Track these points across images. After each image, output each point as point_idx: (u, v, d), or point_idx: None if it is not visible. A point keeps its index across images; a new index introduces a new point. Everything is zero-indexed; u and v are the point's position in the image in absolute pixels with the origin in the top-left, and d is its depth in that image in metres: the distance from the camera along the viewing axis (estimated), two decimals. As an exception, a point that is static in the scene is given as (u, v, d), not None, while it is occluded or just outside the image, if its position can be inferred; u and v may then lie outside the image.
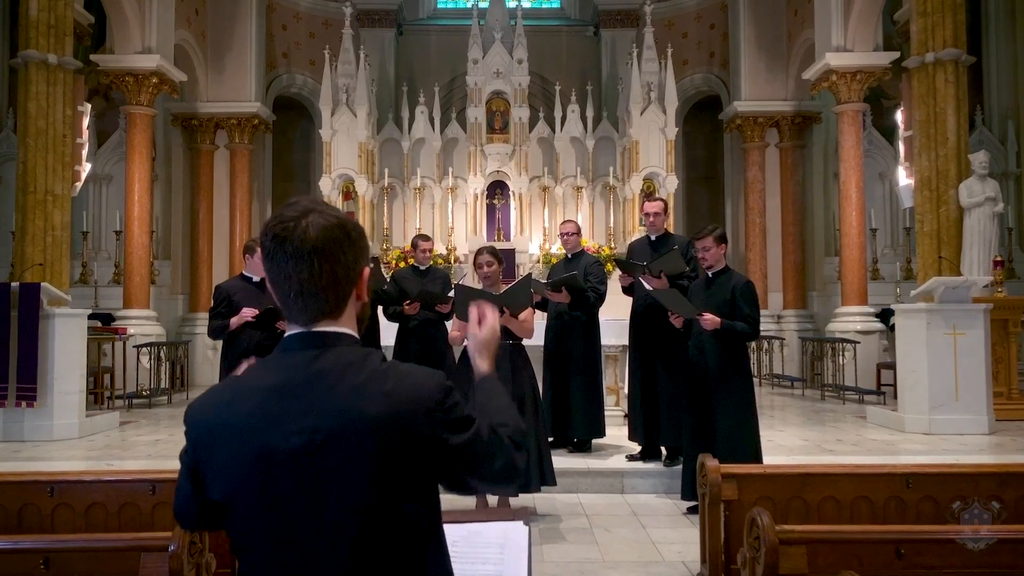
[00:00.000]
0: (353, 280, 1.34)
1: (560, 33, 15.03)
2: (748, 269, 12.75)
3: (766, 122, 12.75)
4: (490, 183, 12.23)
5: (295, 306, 1.32)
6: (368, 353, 1.31)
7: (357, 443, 1.23)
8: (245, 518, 1.28)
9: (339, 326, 1.33)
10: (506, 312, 4.55)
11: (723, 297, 4.85)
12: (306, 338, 1.31)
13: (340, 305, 1.32)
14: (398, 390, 1.26)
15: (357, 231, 1.36)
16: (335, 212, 1.34)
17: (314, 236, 1.28)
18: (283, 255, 1.29)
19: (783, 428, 7.61)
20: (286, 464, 1.23)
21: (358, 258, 1.34)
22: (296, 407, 1.24)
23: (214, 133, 12.85)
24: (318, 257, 1.28)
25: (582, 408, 6.06)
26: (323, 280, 1.29)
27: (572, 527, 4.70)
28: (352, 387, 1.25)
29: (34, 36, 8.37)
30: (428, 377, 1.31)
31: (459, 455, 1.30)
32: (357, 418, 1.23)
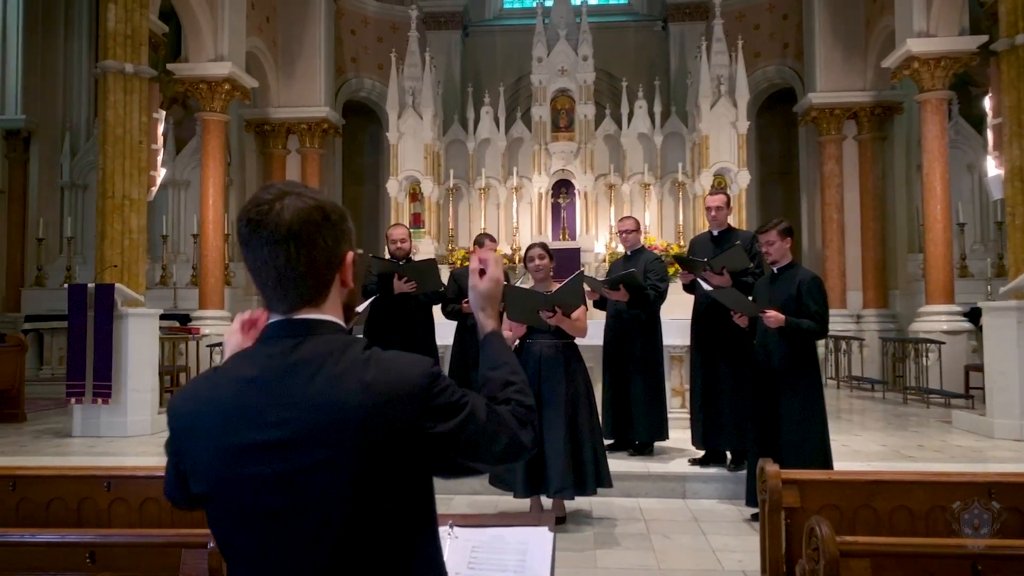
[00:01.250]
0: (335, 265, 1.27)
1: (627, 29, 14.80)
2: (825, 267, 12.27)
3: (843, 114, 12.24)
4: (555, 182, 12.12)
5: (274, 294, 1.25)
6: (351, 341, 1.24)
7: (336, 436, 1.16)
8: (226, 513, 1.22)
9: (321, 313, 1.26)
10: (558, 312, 4.43)
11: (789, 293, 4.61)
12: (286, 326, 1.25)
13: (322, 291, 1.26)
14: (379, 380, 1.19)
15: (337, 213, 1.28)
16: (313, 194, 1.27)
17: (290, 219, 1.21)
18: (259, 240, 1.22)
19: (860, 433, 7.25)
20: (263, 458, 1.17)
21: (339, 241, 1.27)
22: (273, 398, 1.19)
23: (286, 138, 13.14)
24: (295, 241, 1.21)
25: (643, 410, 5.88)
26: (302, 266, 1.22)
27: (629, 532, 4.54)
28: (331, 377, 1.18)
29: (112, 47, 8.68)
30: (412, 365, 1.23)
31: (451, 442, 1.23)
32: (335, 410, 1.16)
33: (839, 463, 5.40)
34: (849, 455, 6.01)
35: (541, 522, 1.89)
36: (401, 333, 5.59)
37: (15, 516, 3.50)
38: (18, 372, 8.02)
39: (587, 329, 4.62)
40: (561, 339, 4.57)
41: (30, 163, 13.16)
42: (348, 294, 1.32)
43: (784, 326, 4.49)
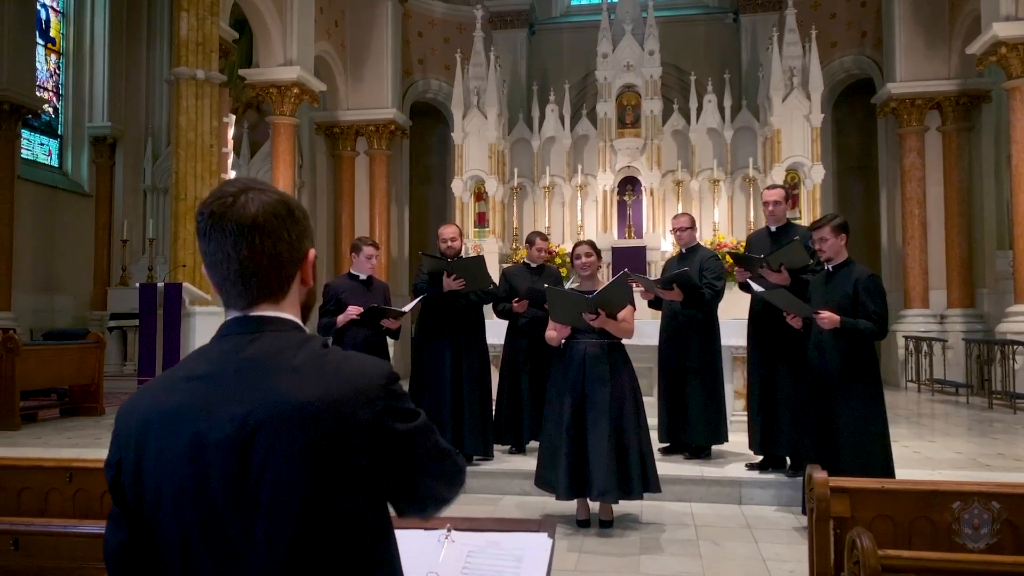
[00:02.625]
0: (296, 261, 1.23)
1: (697, 22, 14.48)
2: (906, 264, 11.74)
3: (925, 104, 11.66)
4: (621, 179, 11.95)
5: (233, 289, 1.22)
6: (308, 338, 1.20)
7: (290, 431, 1.11)
8: (177, 514, 1.17)
9: (280, 311, 1.22)
10: (602, 313, 4.33)
11: (844, 292, 4.38)
12: (242, 323, 1.21)
13: (282, 287, 1.22)
14: (336, 374, 1.15)
15: (301, 210, 1.25)
16: (275, 190, 1.25)
17: (255, 212, 1.18)
18: (221, 233, 1.19)
19: (936, 439, 6.87)
20: (217, 454, 1.13)
21: (302, 238, 1.23)
22: (227, 395, 1.15)
23: (355, 140, 13.37)
24: (259, 234, 1.18)
25: (699, 412, 5.71)
26: (264, 259, 1.19)
27: (676, 538, 4.40)
28: (286, 371, 1.15)
29: (184, 54, 9.00)
30: (371, 363, 1.20)
31: (409, 447, 1.19)
32: (290, 404, 1.12)
33: (907, 470, 5.13)
34: (919, 462, 5.70)
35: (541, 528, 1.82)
36: (451, 332, 5.58)
37: (72, 507, 3.62)
38: (97, 368, 8.38)
39: (633, 330, 4.50)
40: (606, 339, 4.47)
41: (115, 168, 13.80)
42: (307, 293, 1.28)
43: (839, 327, 4.27)
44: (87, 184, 13.72)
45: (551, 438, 4.51)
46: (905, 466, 5.30)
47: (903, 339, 11.28)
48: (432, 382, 5.52)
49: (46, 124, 13.36)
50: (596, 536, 4.41)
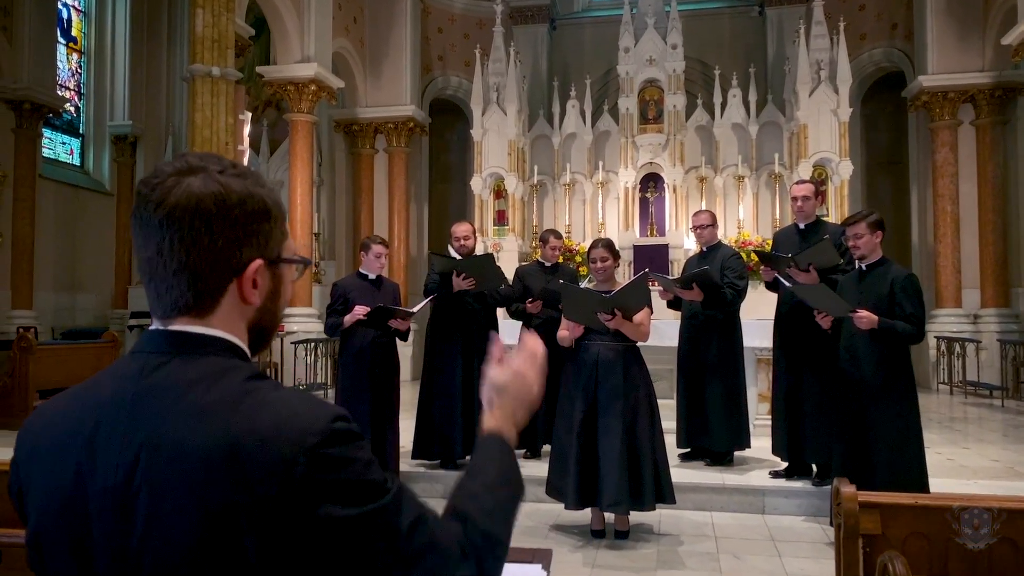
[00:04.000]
0: (226, 271, 0.97)
1: (722, 15, 14.17)
2: (937, 263, 11.37)
3: (958, 97, 11.28)
4: (643, 176, 11.71)
5: (149, 294, 0.99)
6: (233, 367, 0.95)
7: (178, 492, 0.87)
8: (56, 567, 0.96)
9: (205, 327, 0.97)
10: (618, 314, 4.14)
11: (879, 292, 4.14)
12: (155, 338, 0.98)
13: (203, 300, 0.97)
14: (252, 420, 0.88)
15: (245, 208, 0.97)
16: (231, 179, 0.97)
17: (173, 202, 0.94)
18: (138, 222, 0.97)
19: (971, 445, 6.59)
20: (98, 506, 0.91)
21: (237, 243, 0.97)
22: (117, 432, 0.92)
23: (373, 137, 13.25)
24: (170, 230, 0.94)
25: (721, 417, 5.49)
26: (173, 262, 0.95)
27: (695, 551, 4.20)
28: (189, 411, 0.90)
29: (199, 51, 8.91)
30: (308, 410, 0.89)
31: (340, 545, 0.86)
32: (182, 456, 0.87)
33: (940, 479, 4.89)
34: (953, 471, 5.44)
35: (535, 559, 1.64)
36: (462, 334, 5.41)
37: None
38: (112, 367, 8.34)
39: (649, 334, 4.31)
40: (621, 342, 4.27)
41: (136, 166, 13.79)
42: (260, 314, 1.02)
43: (877, 328, 4.03)
44: (108, 183, 13.74)
45: (562, 444, 4.33)
46: (938, 475, 5.04)
47: (935, 340, 10.93)
48: (443, 385, 5.35)
49: (68, 123, 13.39)
50: (610, 548, 4.22)
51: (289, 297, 1.10)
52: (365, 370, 5.00)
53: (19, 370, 7.35)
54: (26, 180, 11.39)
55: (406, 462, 5.36)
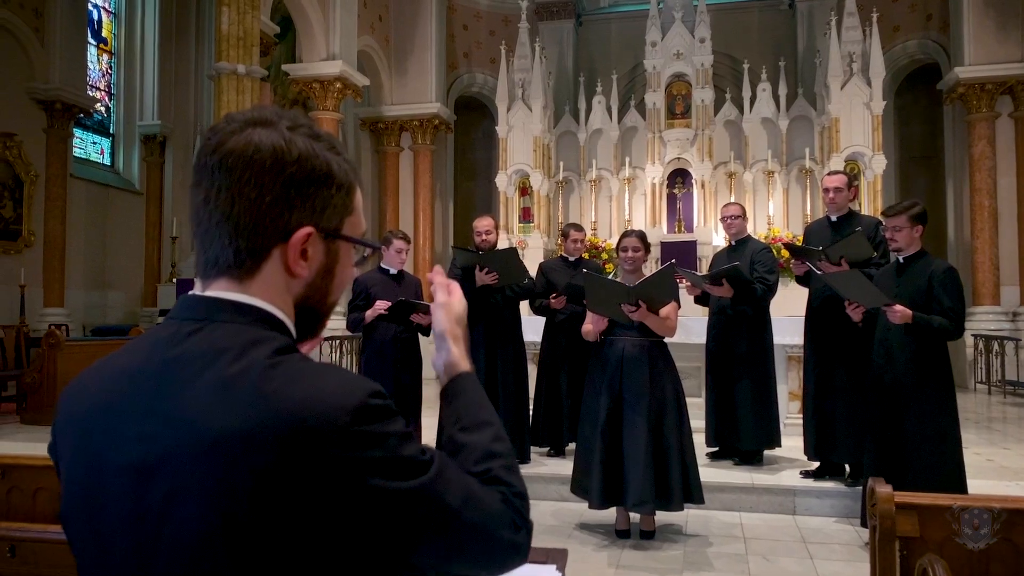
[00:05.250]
0: (271, 232, 0.88)
1: (751, 9, 13.96)
2: (975, 259, 11.09)
3: (995, 89, 10.98)
4: (670, 171, 11.55)
5: (196, 248, 0.93)
6: (265, 339, 0.86)
7: (202, 470, 0.79)
8: (78, 537, 0.91)
9: (244, 293, 0.89)
10: (642, 306, 4.03)
11: (918, 287, 3.97)
12: (191, 304, 0.91)
13: (245, 262, 0.89)
14: (279, 394, 0.80)
15: (304, 167, 0.88)
16: (299, 138, 0.89)
17: (229, 148, 0.87)
18: (195, 169, 0.91)
19: (1011, 446, 6.37)
20: (117, 483, 0.85)
21: (287, 203, 0.88)
22: (141, 403, 0.85)
23: (399, 135, 13.24)
24: (219, 177, 0.87)
25: (750, 415, 5.35)
26: (217, 212, 0.88)
27: (724, 552, 4.08)
28: (215, 383, 0.82)
29: (225, 49, 8.93)
30: (342, 383, 0.82)
31: (398, 519, 0.81)
32: (208, 430, 0.80)
33: (980, 481, 4.72)
34: (993, 472, 5.25)
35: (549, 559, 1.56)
36: (485, 329, 5.33)
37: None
38: (139, 364, 8.39)
39: (676, 328, 4.19)
40: (647, 337, 4.17)
41: (165, 165, 13.93)
42: (309, 291, 0.93)
43: (911, 323, 3.87)
44: (138, 182, 13.88)
45: (587, 441, 4.23)
46: (977, 476, 4.87)
47: (972, 338, 10.65)
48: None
49: (98, 123, 13.54)
50: (635, 548, 4.12)
51: (347, 281, 0.99)
52: (387, 365, 4.94)
53: (47, 366, 7.41)
54: (57, 179, 11.53)
55: (428, 459, 5.28)
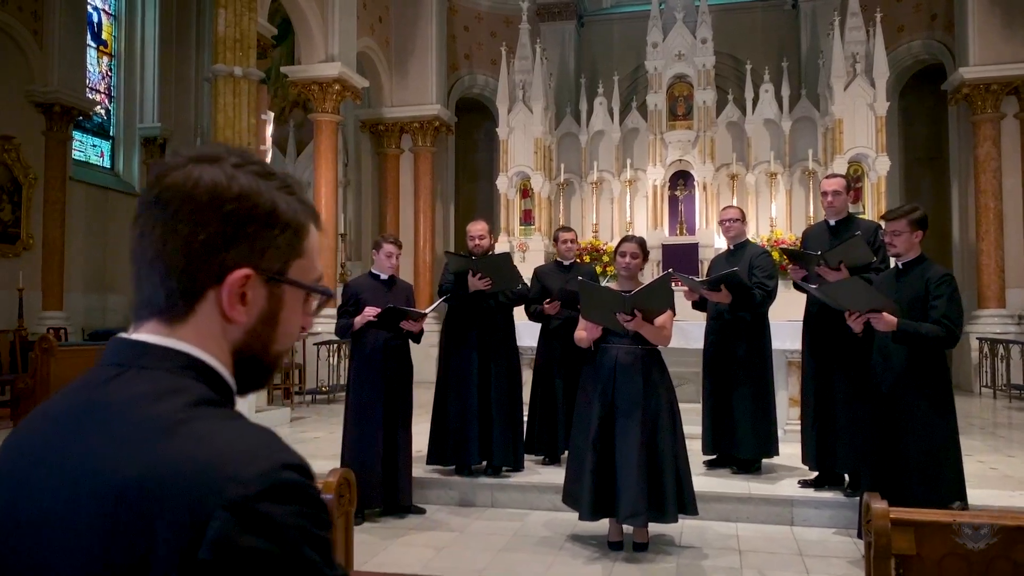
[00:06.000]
0: (203, 273, 0.82)
1: (754, 9, 13.84)
2: (980, 261, 10.95)
3: (1001, 89, 10.85)
4: (672, 173, 11.45)
5: (131, 293, 0.88)
6: (182, 388, 0.79)
7: (97, 529, 0.72)
8: None
9: (172, 338, 0.82)
10: (638, 316, 3.94)
11: (915, 293, 3.87)
12: (117, 347, 0.85)
13: (175, 303, 0.82)
14: (176, 454, 0.71)
15: (244, 204, 0.82)
16: (243, 175, 0.83)
17: (167, 183, 0.82)
18: (136, 207, 0.86)
19: (1015, 452, 6.25)
20: (24, 538, 0.77)
21: (221, 243, 0.81)
22: (54, 454, 0.78)
23: (399, 137, 13.16)
24: (154, 212, 0.82)
25: (748, 422, 5.25)
26: (150, 249, 0.82)
27: (718, 566, 3.99)
28: (120, 436, 0.75)
29: (221, 51, 8.86)
30: (249, 447, 0.73)
31: None
32: (93, 489, 0.73)
33: (982, 491, 4.61)
34: (996, 480, 5.13)
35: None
36: (478, 335, 5.24)
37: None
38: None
39: (671, 337, 4.10)
40: (641, 345, 4.07)
41: (165, 168, 13.87)
42: (249, 338, 0.85)
43: (897, 331, 3.75)
44: (138, 185, 13.83)
45: (578, 451, 4.14)
46: (980, 485, 4.77)
47: (977, 341, 10.52)
48: (458, 389, 5.19)
49: (98, 126, 13.51)
50: (627, 561, 4.02)
51: (295, 330, 0.90)
52: (377, 373, 4.86)
53: (41, 371, 7.34)
54: (56, 182, 11.50)
55: (420, 467, 5.20)
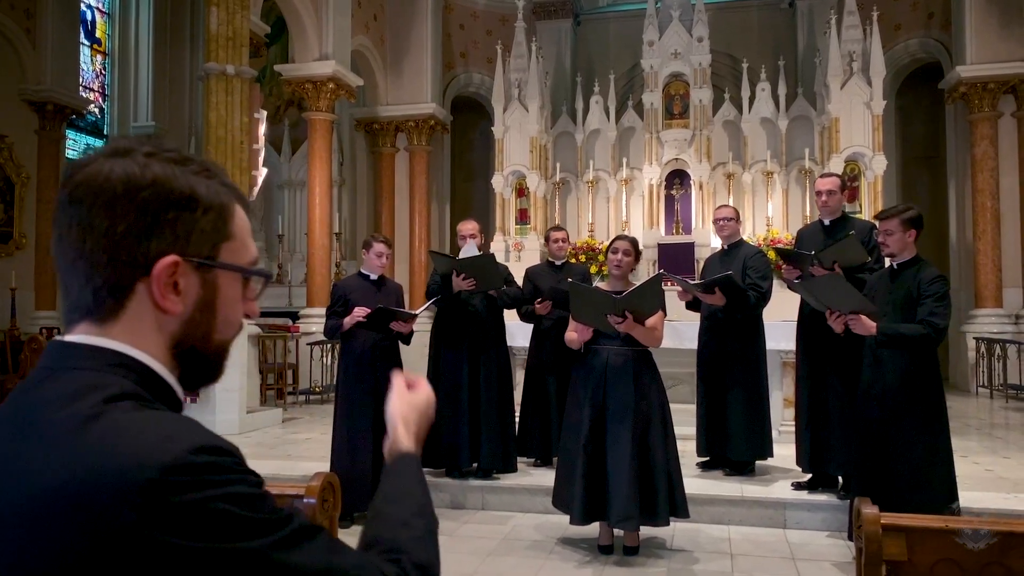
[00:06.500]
0: (128, 266, 0.79)
1: (750, 7, 13.79)
2: (977, 261, 10.91)
3: (998, 88, 10.81)
4: (668, 172, 11.40)
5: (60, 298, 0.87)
6: (101, 385, 0.76)
7: (16, 535, 0.70)
8: None
9: (102, 337, 0.80)
10: (629, 317, 3.89)
11: (907, 294, 3.83)
12: (49, 351, 0.83)
13: (103, 301, 0.80)
14: (88, 450, 0.70)
15: (159, 191, 0.79)
16: (157, 163, 0.80)
17: (78, 180, 0.79)
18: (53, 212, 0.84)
19: (1011, 454, 6.21)
20: None
21: (141, 233, 0.79)
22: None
23: (394, 136, 13.11)
24: (70, 212, 0.79)
25: (742, 424, 5.21)
26: (71, 250, 0.80)
27: (709, 569, 3.94)
28: (39, 437, 0.73)
29: (214, 49, 8.80)
30: (163, 434, 0.71)
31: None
32: (22, 491, 0.71)
33: (977, 493, 4.57)
34: (991, 483, 5.09)
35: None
36: (468, 336, 5.19)
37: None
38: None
39: (662, 338, 4.05)
40: (632, 346, 4.03)
41: (160, 167, 13.81)
42: (187, 328, 0.83)
43: (878, 334, 3.71)
44: (132, 184, 13.77)
45: (569, 454, 4.09)
46: (975, 487, 4.73)
47: (974, 341, 10.49)
48: (448, 391, 5.14)
49: (92, 124, 13.45)
50: (618, 565, 3.98)
51: (236, 318, 0.88)
52: (367, 374, 4.80)
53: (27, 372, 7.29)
54: (49, 182, 11.43)
55: (411, 470, 5.14)
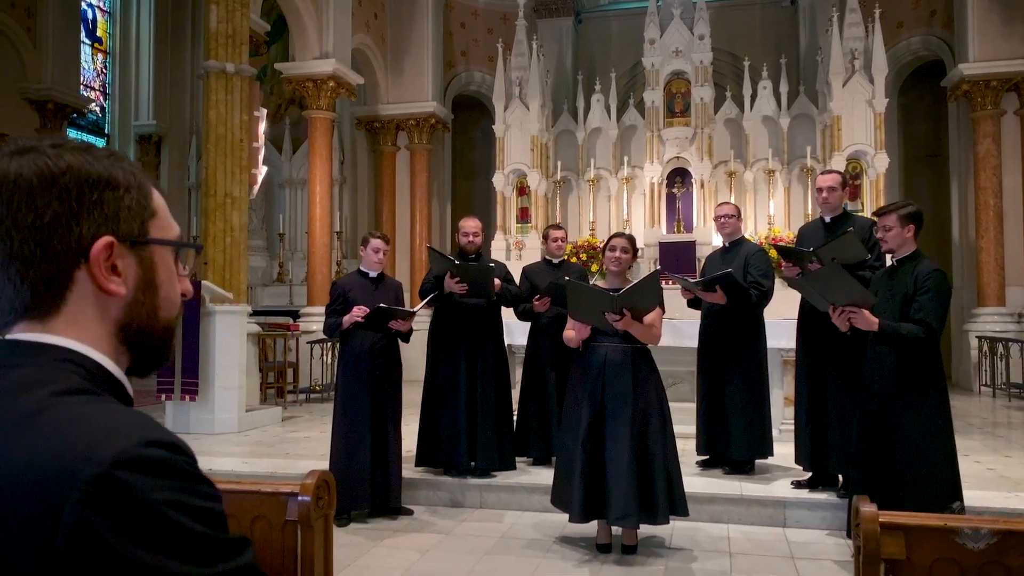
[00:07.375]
0: (63, 254, 0.78)
1: (752, 6, 13.74)
2: (980, 259, 10.86)
3: (1001, 86, 10.76)
4: (670, 171, 11.37)
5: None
6: (47, 380, 0.74)
7: None
8: None
9: (48, 333, 0.79)
10: (627, 315, 3.87)
11: (905, 290, 3.81)
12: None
13: (42, 297, 0.78)
14: (33, 445, 0.68)
15: (76, 175, 0.78)
16: (64, 152, 0.79)
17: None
18: None
19: (1013, 453, 6.17)
20: None
21: (69, 217, 0.77)
22: None
23: (395, 134, 13.09)
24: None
25: (742, 422, 5.18)
26: (0, 254, 0.77)
27: (708, 568, 3.91)
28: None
29: (214, 47, 8.79)
30: (111, 427, 0.69)
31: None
32: None
33: (979, 492, 4.54)
34: (993, 481, 5.05)
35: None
36: (467, 335, 5.17)
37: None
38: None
39: (660, 336, 4.03)
40: (630, 343, 4.00)
41: (161, 166, 13.84)
42: (132, 310, 0.82)
43: (878, 331, 3.68)
44: (133, 183, 13.76)
45: (567, 452, 4.07)
46: (976, 486, 4.70)
47: (976, 339, 10.45)
48: (446, 390, 5.11)
49: (93, 123, 13.45)
50: (616, 564, 3.95)
51: (175, 296, 0.88)
52: (365, 373, 4.79)
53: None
54: (50, 180, 11.41)
55: (409, 468, 5.13)
